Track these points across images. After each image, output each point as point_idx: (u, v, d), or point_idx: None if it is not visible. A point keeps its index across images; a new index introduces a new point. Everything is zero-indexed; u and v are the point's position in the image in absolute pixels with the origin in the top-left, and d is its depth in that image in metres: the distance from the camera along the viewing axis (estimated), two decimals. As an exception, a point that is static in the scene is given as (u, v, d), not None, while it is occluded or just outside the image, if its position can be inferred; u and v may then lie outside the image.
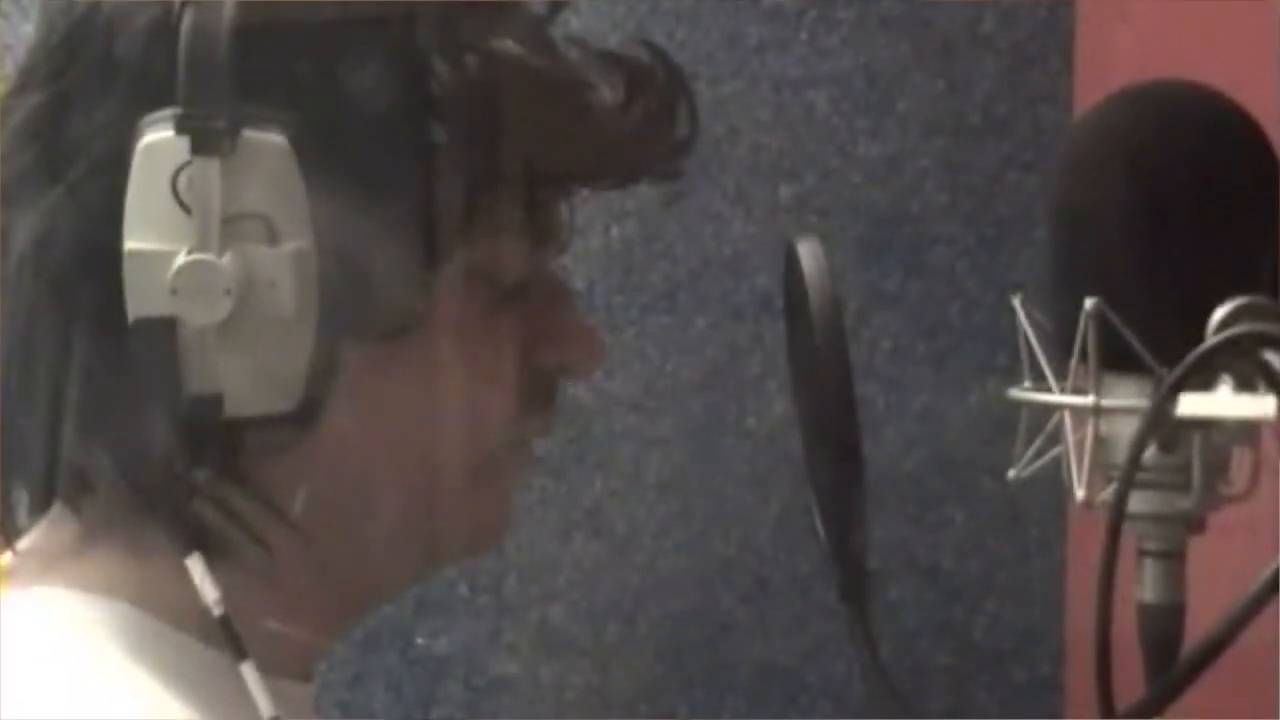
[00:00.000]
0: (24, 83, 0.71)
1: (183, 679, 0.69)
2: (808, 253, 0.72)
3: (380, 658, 1.71)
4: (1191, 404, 0.67)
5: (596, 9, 1.64)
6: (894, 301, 1.73)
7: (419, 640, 1.71)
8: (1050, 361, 0.75)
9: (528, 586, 1.72)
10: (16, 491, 0.74)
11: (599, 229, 1.71)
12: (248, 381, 0.66)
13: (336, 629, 0.79)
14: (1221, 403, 0.67)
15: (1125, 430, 0.71)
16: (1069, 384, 0.73)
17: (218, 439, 0.68)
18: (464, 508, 0.75)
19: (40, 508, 0.74)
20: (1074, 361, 0.72)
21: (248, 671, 0.68)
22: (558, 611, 1.73)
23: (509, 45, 0.70)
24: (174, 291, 0.64)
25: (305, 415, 0.68)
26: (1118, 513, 0.68)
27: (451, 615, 1.71)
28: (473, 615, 1.72)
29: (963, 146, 1.73)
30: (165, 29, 0.65)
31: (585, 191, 0.77)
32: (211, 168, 0.64)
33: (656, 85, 0.75)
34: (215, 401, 0.66)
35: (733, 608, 1.73)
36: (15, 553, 0.74)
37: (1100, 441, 0.72)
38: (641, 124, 0.74)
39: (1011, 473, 0.77)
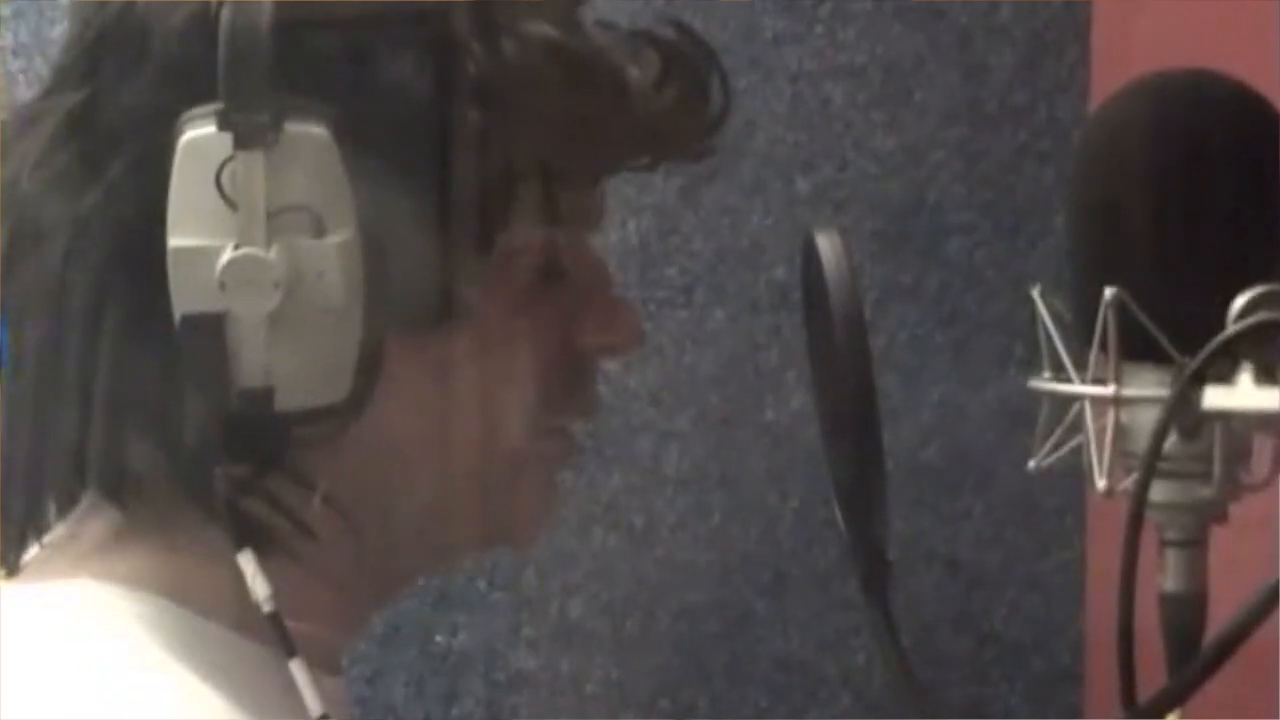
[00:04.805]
0: (60, 79, 0.71)
1: (222, 673, 0.69)
2: (827, 244, 0.72)
3: (400, 653, 1.71)
4: (1214, 397, 0.67)
5: (614, 3, 1.63)
6: (911, 293, 1.73)
7: (438, 637, 1.72)
8: (1069, 351, 0.75)
9: (547, 581, 1.72)
10: (46, 485, 0.74)
11: (616, 223, 1.71)
12: (298, 374, 0.66)
13: (368, 617, 0.80)
14: (1244, 395, 0.67)
15: (1146, 419, 0.71)
16: (1089, 373, 0.73)
17: (268, 432, 0.68)
18: (506, 493, 0.75)
19: (70, 501, 0.74)
20: (1094, 351, 0.72)
21: (296, 668, 0.68)
22: (577, 606, 1.73)
23: (543, 28, 0.70)
24: (223, 286, 0.64)
25: (354, 405, 0.68)
26: (1139, 502, 0.68)
27: (471, 610, 1.72)
28: (492, 610, 1.72)
29: (980, 137, 1.73)
30: (204, 24, 0.65)
31: (621, 171, 0.78)
32: (255, 162, 0.64)
33: (688, 64, 0.76)
34: (266, 395, 0.66)
35: (752, 601, 1.73)
36: (43, 545, 0.74)
37: (1121, 431, 0.72)
38: (675, 103, 0.75)
39: (1032, 463, 0.77)
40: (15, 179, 0.70)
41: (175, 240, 0.65)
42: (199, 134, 0.65)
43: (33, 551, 0.74)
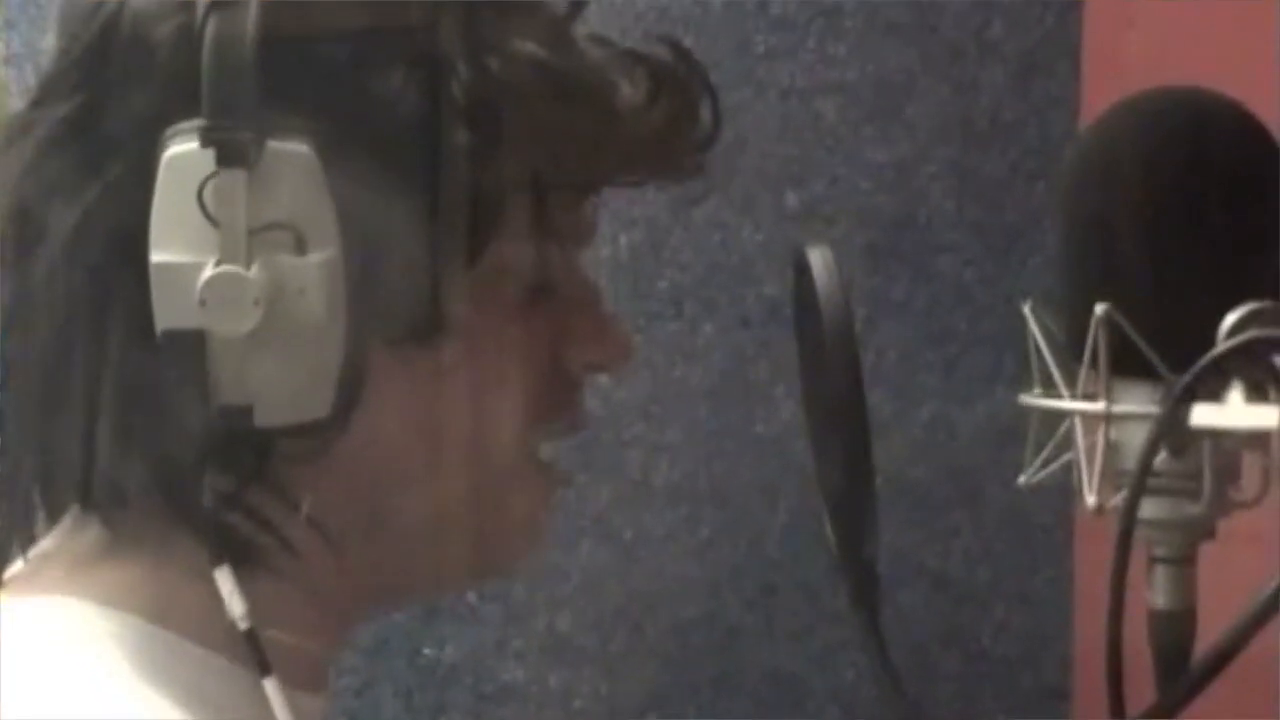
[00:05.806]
0: (48, 92, 0.71)
1: (195, 695, 0.68)
2: (818, 259, 0.72)
3: (388, 666, 1.71)
4: (1205, 414, 0.67)
5: (604, 17, 1.63)
6: (902, 309, 1.73)
7: (426, 649, 1.71)
8: (1060, 368, 0.75)
9: (535, 594, 1.72)
10: (34, 497, 0.73)
11: (607, 237, 1.71)
12: (279, 391, 0.66)
13: (351, 634, 0.79)
14: (1235, 412, 0.66)
15: (1136, 436, 0.71)
16: (1079, 390, 0.73)
17: (249, 448, 0.68)
18: (497, 512, 0.75)
19: (57, 513, 0.74)
20: (1084, 367, 0.72)
21: (270, 688, 0.68)
22: (565, 618, 1.73)
23: (531, 47, 0.70)
24: (203, 303, 0.64)
25: (336, 422, 0.68)
26: (1129, 519, 0.68)
27: (459, 623, 1.71)
28: (480, 623, 1.72)
29: (970, 153, 1.73)
30: (190, 38, 0.65)
31: (609, 189, 0.78)
32: (238, 179, 0.64)
33: (679, 83, 0.76)
34: (246, 412, 0.66)
35: (741, 614, 1.73)
36: (27, 559, 0.73)
37: (1111, 447, 0.72)
38: (665, 122, 0.75)
39: (1021, 479, 0.77)
40: (2, 188, 0.70)
41: (157, 256, 0.65)
42: (181, 150, 0.64)
43: (18, 564, 0.74)
